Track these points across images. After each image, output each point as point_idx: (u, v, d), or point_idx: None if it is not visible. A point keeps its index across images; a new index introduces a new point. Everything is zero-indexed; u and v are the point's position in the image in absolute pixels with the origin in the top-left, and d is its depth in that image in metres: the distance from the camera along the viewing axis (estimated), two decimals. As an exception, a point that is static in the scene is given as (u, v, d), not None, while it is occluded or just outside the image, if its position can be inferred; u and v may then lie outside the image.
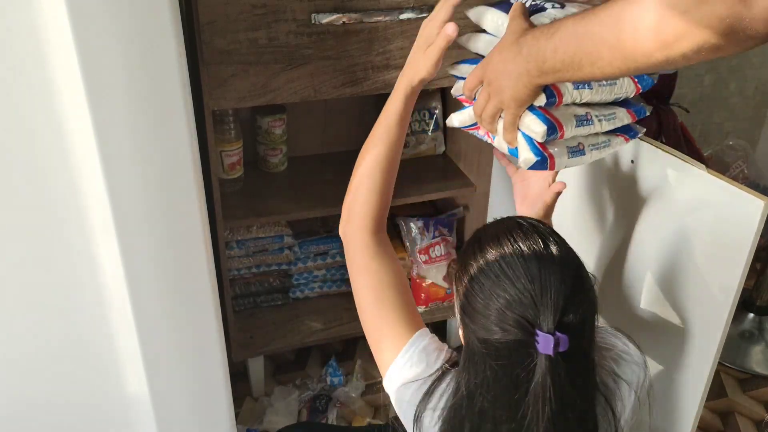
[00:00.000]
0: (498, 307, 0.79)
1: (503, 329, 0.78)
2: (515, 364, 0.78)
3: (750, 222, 0.98)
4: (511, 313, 0.78)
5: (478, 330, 0.81)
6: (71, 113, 0.83)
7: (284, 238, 1.79)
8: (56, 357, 1.00)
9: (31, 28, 0.78)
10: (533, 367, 0.77)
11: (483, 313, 0.80)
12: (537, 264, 0.79)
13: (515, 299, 0.78)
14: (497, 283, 0.80)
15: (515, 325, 0.78)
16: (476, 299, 0.81)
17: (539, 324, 0.77)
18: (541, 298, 0.77)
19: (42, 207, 0.88)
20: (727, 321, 1.06)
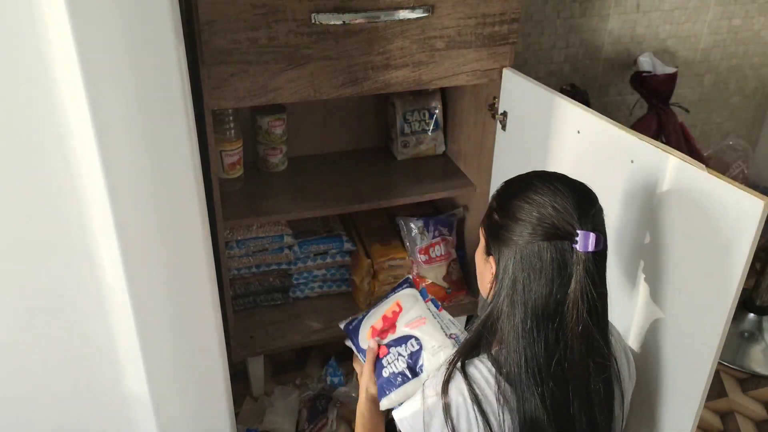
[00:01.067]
0: (538, 215, 0.93)
1: (545, 233, 0.92)
2: (556, 265, 0.91)
3: (750, 222, 0.98)
4: (557, 217, 0.92)
5: (520, 240, 0.93)
6: (71, 113, 0.83)
7: (284, 237, 1.79)
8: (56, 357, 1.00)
9: (31, 28, 0.78)
10: (570, 266, 0.91)
11: (527, 222, 0.93)
12: (575, 188, 0.96)
13: (555, 208, 0.92)
14: (536, 201, 0.94)
15: (559, 225, 0.91)
16: (518, 217, 0.94)
17: (579, 225, 0.91)
18: (582, 210, 0.92)
19: (42, 207, 0.88)
20: (727, 321, 1.05)
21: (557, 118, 1.35)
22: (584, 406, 0.96)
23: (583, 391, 0.96)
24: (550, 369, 0.94)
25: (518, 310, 0.94)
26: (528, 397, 0.94)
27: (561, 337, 0.93)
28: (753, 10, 2.22)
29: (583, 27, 2.07)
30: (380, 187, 1.76)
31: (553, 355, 0.93)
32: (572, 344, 0.93)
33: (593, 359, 0.95)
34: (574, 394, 0.95)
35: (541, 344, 0.94)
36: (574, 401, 0.96)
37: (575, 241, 0.91)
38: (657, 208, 1.15)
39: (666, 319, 1.18)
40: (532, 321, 0.93)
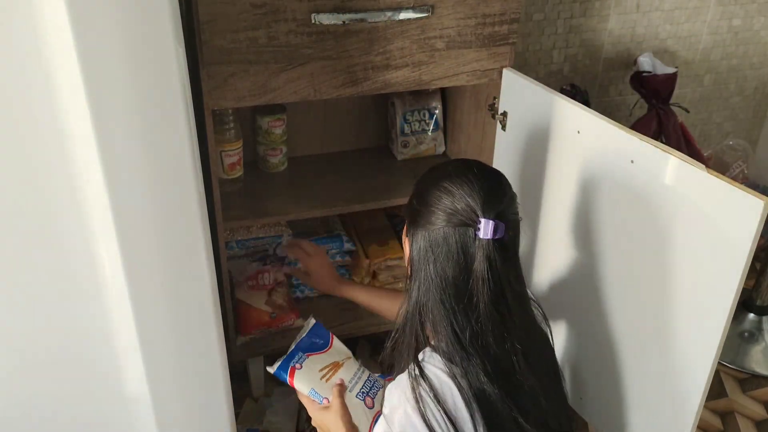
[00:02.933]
0: (447, 203, 1.00)
1: (450, 220, 0.99)
2: (460, 250, 0.99)
3: (750, 222, 0.98)
4: (462, 206, 0.99)
5: (428, 227, 1.01)
6: (71, 113, 0.83)
7: (284, 238, 1.79)
8: (56, 357, 1.00)
9: (32, 28, 0.78)
10: (473, 252, 0.98)
11: (437, 209, 1.01)
12: (482, 177, 1.02)
13: (462, 197, 0.99)
14: (448, 189, 1.01)
15: (462, 213, 0.99)
16: (430, 204, 1.02)
17: (482, 214, 0.98)
18: (486, 199, 0.99)
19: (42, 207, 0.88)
20: (727, 321, 1.06)
21: (557, 118, 1.35)
22: (527, 375, 1.04)
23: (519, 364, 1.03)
24: (479, 341, 1.01)
25: (434, 289, 1.02)
26: (470, 370, 1.01)
27: (474, 315, 1.01)
28: (753, 10, 2.22)
29: (583, 27, 2.07)
30: (380, 187, 1.76)
31: (475, 329, 1.01)
32: (485, 324, 1.01)
33: (509, 338, 1.02)
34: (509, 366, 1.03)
35: (462, 318, 1.01)
36: (515, 372, 1.03)
37: (478, 229, 0.98)
38: (657, 208, 1.15)
39: (666, 319, 1.18)
40: (449, 298, 1.01)
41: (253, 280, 1.74)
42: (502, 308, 1.01)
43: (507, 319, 1.02)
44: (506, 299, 1.01)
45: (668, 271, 1.16)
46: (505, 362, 1.03)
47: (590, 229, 1.32)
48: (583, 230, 1.35)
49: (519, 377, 1.04)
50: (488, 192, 1.00)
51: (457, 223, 0.99)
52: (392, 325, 1.14)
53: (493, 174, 1.07)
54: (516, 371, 1.03)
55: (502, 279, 1.00)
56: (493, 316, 1.01)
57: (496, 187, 1.03)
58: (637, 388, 1.29)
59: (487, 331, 1.01)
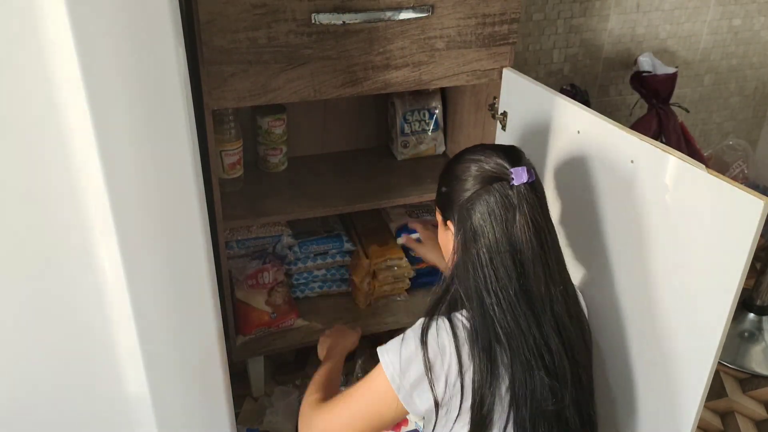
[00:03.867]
0: (475, 168, 1.06)
1: (483, 180, 1.05)
2: (500, 204, 1.03)
3: (750, 222, 0.98)
4: (488, 164, 1.06)
5: (463, 196, 1.06)
6: (71, 113, 0.83)
7: (284, 238, 1.79)
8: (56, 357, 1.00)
9: (32, 28, 0.78)
10: (514, 202, 1.03)
11: (466, 177, 1.06)
12: (496, 146, 1.11)
13: (488, 159, 1.06)
14: (472, 159, 1.08)
15: (493, 169, 1.05)
16: (458, 176, 1.08)
17: (510, 165, 1.04)
18: (507, 154, 1.07)
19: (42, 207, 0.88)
20: (727, 321, 1.06)
21: (557, 118, 1.35)
22: (554, 328, 1.06)
23: (549, 313, 1.06)
24: (510, 292, 1.04)
25: (473, 250, 1.05)
26: (488, 318, 1.04)
27: (517, 262, 1.04)
28: (753, 10, 2.22)
29: (583, 27, 2.07)
30: (380, 187, 1.76)
31: (511, 279, 1.04)
32: (528, 269, 1.04)
33: (553, 284, 1.06)
34: (541, 314, 1.06)
35: (498, 272, 1.04)
36: (543, 324, 1.05)
37: (511, 179, 1.03)
38: (657, 208, 1.15)
39: (666, 319, 1.18)
40: (486, 255, 1.04)
41: (253, 279, 1.74)
42: (547, 250, 1.06)
43: (550, 263, 1.06)
44: (548, 244, 1.06)
45: (668, 271, 1.16)
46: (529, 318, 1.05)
47: (590, 229, 1.32)
48: (583, 230, 1.35)
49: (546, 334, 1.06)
50: (508, 151, 1.08)
51: (490, 180, 1.04)
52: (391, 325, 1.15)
53: (507, 144, 1.16)
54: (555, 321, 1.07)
55: (541, 224, 1.05)
56: (538, 258, 1.04)
57: (513, 148, 1.11)
58: (636, 388, 1.29)
59: (528, 283, 1.05)
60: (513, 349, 1.04)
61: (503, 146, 1.12)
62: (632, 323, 1.27)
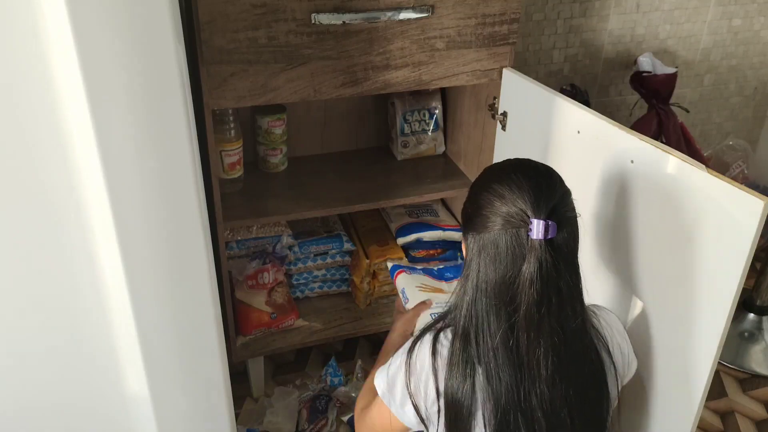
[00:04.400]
0: (497, 206, 0.97)
1: (502, 223, 0.97)
2: (511, 252, 0.96)
3: (750, 222, 0.98)
4: (512, 207, 0.96)
5: (480, 230, 0.99)
6: (71, 113, 0.83)
7: (284, 238, 1.79)
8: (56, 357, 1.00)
9: (31, 28, 0.78)
10: (525, 253, 0.95)
11: (487, 213, 0.98)
12: (532, 175, 0.99)
13: (515, 199, 0.96)
14: (497, 192, 0.98)
15: (514, 215, 0.96)
16: (480, 207, 1.00)
17: (533, 215, 0.95)
18: (536, 198, 0.96)
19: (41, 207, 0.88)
20: (727, 321, 1.06)
21: (557, 118, 1.35)
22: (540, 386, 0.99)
23: (536, 376, 0.99)
24: (494, 344, 0.99)
25: (470, 289, 1.00)
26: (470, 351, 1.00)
27: (511, 318, 0.98)
28: (753, 10, 2.23)
29: (583, 27, 2.07)
30: (380, 187, 1.76)
31: (503, 334, 0.98)
32: (520, 327, 0.97)
33: (546, 344, 0.98)
34: (527, 374, 0.99)
35: (489, 320, 0.99)
36: (526, 380, 0.99)
37: (530, 229, 0.95)
38: (657, 208, 1.15)
39: (666, 319, 1.18)
40: (483, 299, 0.99)
41: (253, 279, 1.74)
42: (543, 312, 0.96)
43: (544, 325, 0.97)
44: (552, 304, 0.97)
45: (668, 271, 1.16)
46: (531, 366, 0.99)
47: (590, 229, 1.32)
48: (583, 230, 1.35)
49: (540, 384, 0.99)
50: (538, 190, 0.97)
51: (508, 226, 0.96)
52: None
53: (543, 171, 1.02)
54: (540, 377, 0.99)
55: (550, 282, 0.96)
56: (532, 318, 0.96)
57: (546, 184, 0.99)
58: (636, 388, 1.29)
59: (521, 336, 0.97)
60: (492, 388, 1.00)
61: (538, 172, 1.01)
62: (632, 323, 1.27)
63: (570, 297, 0.99)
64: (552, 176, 1.02)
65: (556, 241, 0.96)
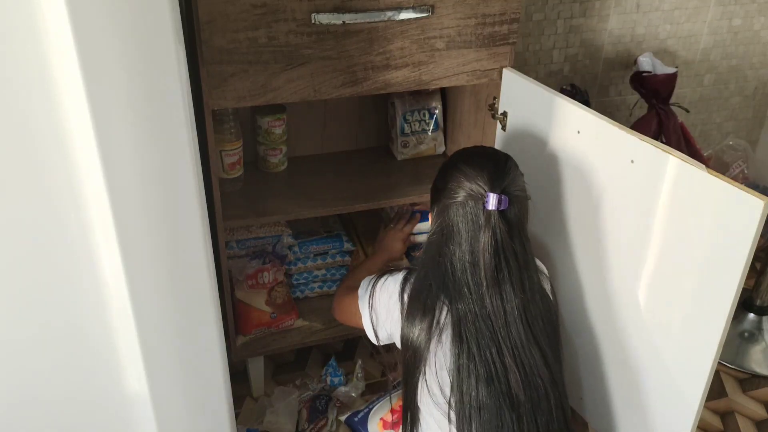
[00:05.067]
0: (462, 180, 1.18)
1: (464, 195, 1.17)
2: (470, 220, 1.16)
3: (750, 222, 0.98)
4: (473, 184, 1.17)
5: (445, 201, 1.19)
6: (71, 113, 0.83)
7: (284, 238, 1.79)
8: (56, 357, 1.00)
9: (31, 28, 0.78)
10: (482, 222, 1.15)
11: (452, 187, 1.19)
12: (492, 160, 1.21)
13: (476, 177, 1.17)
14: (462, 170, 1.19)
15: (473, 189, 1.16)
16: (447, 182, 1.20)
17: (489, 189, 1.16)
18: (492, 178, 1.16)
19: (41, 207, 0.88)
20: (727, 321, 1.06)
21: (557, 118, 1.35)
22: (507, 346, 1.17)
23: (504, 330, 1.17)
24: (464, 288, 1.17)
25: (440, 244, 1.20)
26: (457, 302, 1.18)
27: (475, 272, 1.16)
28: (753, 10, 2.23)
29: (583, 27, 2.07)
30: (380, 187, 1.76)
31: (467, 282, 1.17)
32: (483, 282, 1.16)
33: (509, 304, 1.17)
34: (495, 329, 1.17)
35: (456, 271, 1.18)
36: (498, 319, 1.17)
37: (486, 202, 1.15)
38: (657, 208, 1.15)
39: (666, 319, 1.19)
40: (451, 252, 1.18)
41: (253, 279, 1.74)
42: (501, 273, 1.16)
43: (504, 281, 1.16)
44: (508, 264, 1.16)
45: (668, 272, 1.16)
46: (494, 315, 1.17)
47: (590, 229, 1.32)
48: (583, 230, 1.35)
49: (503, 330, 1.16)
50: (494, 172, 1.17)
51: (469, 198, 1.16)
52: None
53: (501, 157, 1.23)
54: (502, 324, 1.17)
55: (506, 248, 1.16)
56: (492, 277, 1.15)
57: (502, 167, 1.19)
58: (637, 388, 1.29)
59: (482, 284, 1.16)
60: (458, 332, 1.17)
61: (497, 159, 1.22)
62: (632, 323, 1.27)
63: (525, 259, 1.19)
64: (507, 162, 1.22)
65: (507, 214, 1.16)
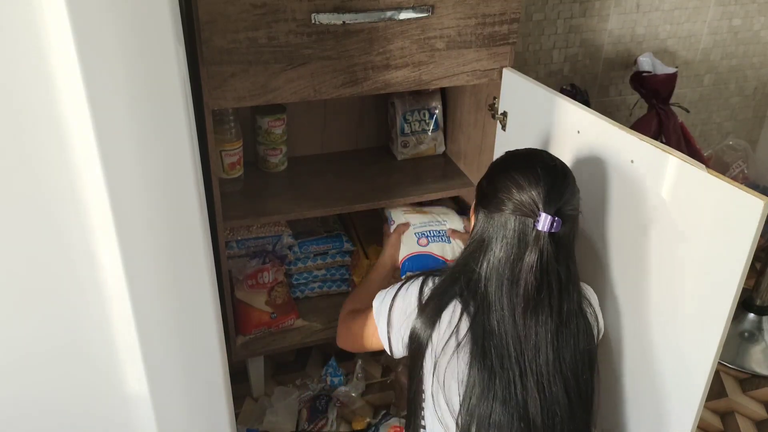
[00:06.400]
0: (513, 192, 1.07)
1: (514, 208, 1.07)
2: (516, 236, 1.07)
3: (750, 222, 0.98)
4: (525, 197, 1.06)
5: (492, 209, 1.10)
6: (71, 113, 0.83)
7: (284, 238, 1.79)
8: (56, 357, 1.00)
9: (31, 27, 0.78)
10: (529, 241, 1.06)
11: (503, 197, 1.08)
12: (550, 172, 1.09)
13: (530, 191, 1.06)
14: (515, 180, 1.08)
15: (526, 205, 1.06)
16: (498, 190, 1.10)
17: (542, 208, 1.05)
18: (548, 194, 1.06)
19: (42, 207, 0.88)
20: (727, 321, 1.06)
21: (557, 118, 1.35)
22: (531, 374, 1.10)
23: (531, 357, 1.10)
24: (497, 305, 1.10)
25: (481, 263, 1.11)
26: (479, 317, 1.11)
27: (512, 291, 1.08)
28: (753, 10, 2.23)
29: (583, 27, 2.07)
30: (380, 187, 1.76)
31: (501, 300, 1.09)
32: (518, 305, 1.08)
33: (544, 323, 1.09)
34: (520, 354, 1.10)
35: (489, 286, 1.10)
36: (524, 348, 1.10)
37: (537, 221, 1.05)
38: (657, 208, 1.15)
39: (666, 319, 1.19)
40: (486, 266, 1.10)
41: (253, 279, 1.74)
42: (541, 295, 1.07)
43: (542, 305, 1.08)
44: (550, 288, 1.08)
45: (668, 271, 1.16)
46: (525, 337, 1.09)
47: (590, 229, 1.32)
48: (583, 230, 1.35)
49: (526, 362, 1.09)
50: (551, 187, 1.07)
51: (518, 213, 1.07)
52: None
53: (560, 170, 1.12)
54: (536, 349, 1.09)
55: (551, 271, 1.07)
56: (529, 299, 1.07)
57: (560, 183, 1.09)
58: (637, 388, 1.29)
59: (519, 304, 1.08)
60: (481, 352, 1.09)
61: (555, 173, 1.10)
62: (631, 323, 1.27)
63: (568, 282, 1.11)
64: (567, 176, 1.11)
65: (557, 234, 1.06)
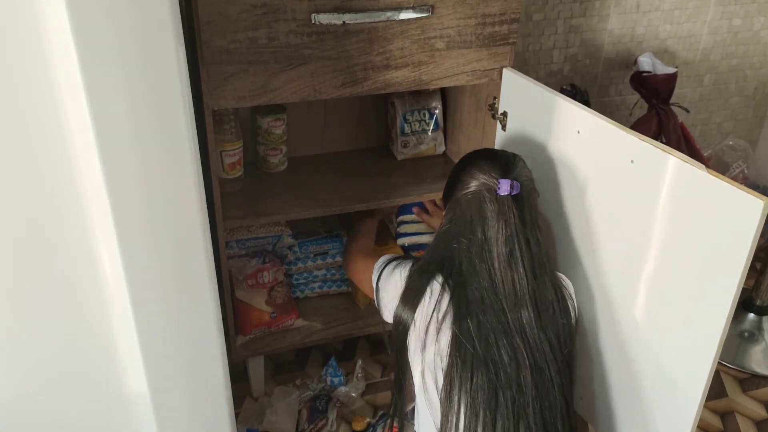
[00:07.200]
0: (477, 172, 1.24)
1: (480, 183, 1.23)
2: (484, 206, 1.22)
3: (750, 222, 0.98)
4: (486, 174, 1.23)
5: (459, 193, 1.25)
6: (71, 113, 0.83)
7: (284, 238, 1.78)
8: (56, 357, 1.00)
9: (31, 27, 0.78)
10: (495, 207, 1.21)
11: (465, 180, 1.25)
12: (502, 157, 1.28)
13: (489, 169, 1.24)
14: (474, 164, 1.26)
15: (485, 178, 1.23)
16: (459, 176, 1.27)
17: (500, 176, 1.22)
18: (503, 169, 1.24)
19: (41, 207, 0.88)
20: (727, 321, 1.06)
21: (557, 118, 1.35)
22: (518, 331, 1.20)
23: (515, 317, 1.20)
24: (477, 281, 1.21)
25: (455, 240, 1.24)
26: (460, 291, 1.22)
27: (489, 263, 1.21)
28: (753, 10, 2.23)
29: (583, 27, 2.07)
30: (380, 187, 1.76)
31: (479, 264, 1.21)
32: (497, 266, 1.21)
33: (519, 285, 1.20)
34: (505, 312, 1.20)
35: (467, 254, 1.22)
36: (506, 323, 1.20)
37: (498, 188, 1.21)
38: (657, 208, 1.15)
39: (666, 319, 1.19)
40: (465, 240, 1.23)
41: (253, 279, 1.74)
42: (514, 257, 1.20)
43: (516, 265, 1.20)
44: (521, 250, 1.21)
45: (668, 272, 1.16)
46: (505, 296, 1.21)
47: (590, 229, 1.32)
48: (583, 230, 1.35)
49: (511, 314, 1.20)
50: (505, 163, 1.25)
51: (482, 186, 1.22)
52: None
53: (510, 155, 1.30)
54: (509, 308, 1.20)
55: (519, 233, 1.21)
56: (505, 261, 1.20)
57: (511, 160, 1.27)
58: (637, 388, 1.29)
59: (494, 267, 1.21)
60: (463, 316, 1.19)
61: (506, 155, 1.29)
62: (631, 323, 1.27)
63: (538, 249, 1.23)
64: (516, 157, 1.29)
65: (519, 201, 1.22)
